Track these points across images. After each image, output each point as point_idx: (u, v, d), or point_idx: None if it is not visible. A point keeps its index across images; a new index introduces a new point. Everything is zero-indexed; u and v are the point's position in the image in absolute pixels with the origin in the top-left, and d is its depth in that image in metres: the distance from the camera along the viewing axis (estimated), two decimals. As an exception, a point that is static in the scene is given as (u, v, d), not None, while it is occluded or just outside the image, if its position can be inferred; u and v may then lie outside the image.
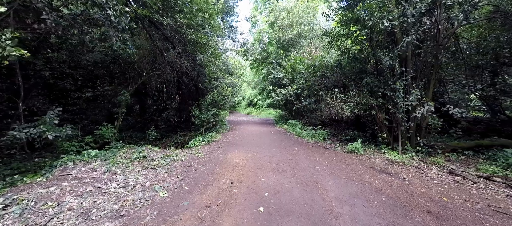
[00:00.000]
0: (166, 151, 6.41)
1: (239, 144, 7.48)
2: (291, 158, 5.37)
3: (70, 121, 9.01)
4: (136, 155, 5.08)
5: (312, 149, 6.55)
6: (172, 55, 7.93)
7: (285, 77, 13.47)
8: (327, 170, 4.40)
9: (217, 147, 7.10)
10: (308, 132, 9.34)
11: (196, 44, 7.06)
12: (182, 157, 5.62)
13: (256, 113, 25.54)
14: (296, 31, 13.97)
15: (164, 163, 4.96)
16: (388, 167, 4.66)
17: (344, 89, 10.96)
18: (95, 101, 10.21)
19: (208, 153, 6.26)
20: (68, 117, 8.87)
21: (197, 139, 8.60)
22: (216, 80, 9.93)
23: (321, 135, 8.46)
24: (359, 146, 5.98)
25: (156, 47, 7.71)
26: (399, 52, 5.50)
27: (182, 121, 12.26)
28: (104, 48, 9.28)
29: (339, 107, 14.60)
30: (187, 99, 11.64)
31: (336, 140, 8.56)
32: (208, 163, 5.11)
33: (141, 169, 4.40)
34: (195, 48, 7.40)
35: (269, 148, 6.73)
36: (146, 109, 11.88)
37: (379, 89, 6.11)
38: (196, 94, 10.85)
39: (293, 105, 12.70)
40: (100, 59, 8.90)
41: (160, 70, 8.06)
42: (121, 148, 5.90)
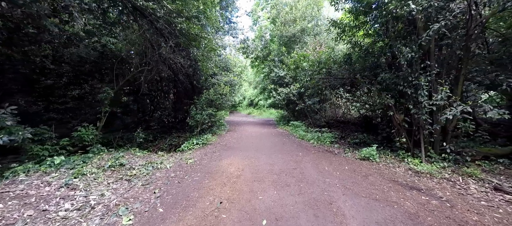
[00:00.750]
0: (152, 156, 5.63)
1: (236, 148, 6.68)
2: (295, 167, 4.55)
3: (58, 121, 8.31)
4: (111, 162, 4.29)
5: (318, 155, 5.72)
6: (164, 49, 7.15)
7: (288, 76, 12.66)
8: (340, 183, 3.58)
9: (211, 151, 6.30)
10: (313, 134, 8.50)
11: (188, 36, 6.27)
12: (168, 164, 4.82)
13: (257, 113, 24.74)
14: (299, 26, 13.15)
15: (144, 172, 4.18)
16: (414, 179, 3.82)
17: (351, 88, 10.14)
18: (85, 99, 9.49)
19: (200, 158, 5.46)
20: (55, 116, 8.17)
21: (190, 141, 7.82)
22: (213, 77, 9.13)
23: (328, 138, 7.62)
24: (374, 152, 5.15)
25: (145, 39, 6.95)
26: (423, 42, 4.66)
27: (177, 121, 11.49)
28: (92, 43, 8.57)
29: (345, 108, 13.76)
30: (183, 98, 10.87)
31: (344, 144, 7.72)
32: (197, 172, 4.31)
33: (113, 181, 3.62)
34: (188, 42, 6.61)
35: (270, 153, 5.91)
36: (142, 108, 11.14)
37: (396, 86, 5.27)
38: (193, 93, 10.08)
39: (296, 105, 11.87)
40: (86, 54, 8.15)
41: (151, 66, 7.28)
42: (98, 153, 5.12)
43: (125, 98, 11.20)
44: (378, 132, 7.48)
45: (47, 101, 8.32)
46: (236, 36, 13.91)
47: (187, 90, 10.50)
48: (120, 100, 10.75)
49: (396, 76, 5.26)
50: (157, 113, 9.48)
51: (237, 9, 13.37)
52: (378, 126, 8.05)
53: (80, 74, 8.74)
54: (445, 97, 4.41)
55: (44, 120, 7.88)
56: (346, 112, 13.85)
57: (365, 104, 10.62)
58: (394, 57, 5.93)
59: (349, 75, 7.55)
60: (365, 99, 10.16)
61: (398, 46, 5.06)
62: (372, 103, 9.16)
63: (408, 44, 5.00)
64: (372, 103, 9.07)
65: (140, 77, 7.22)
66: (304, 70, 9.12)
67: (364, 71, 6.30)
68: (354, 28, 6.36)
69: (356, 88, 9.94)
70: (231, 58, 11.10)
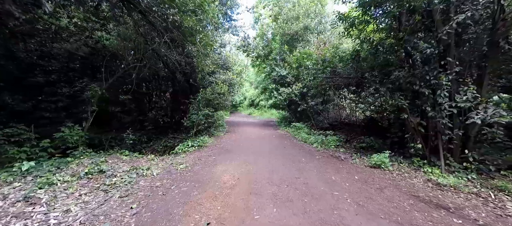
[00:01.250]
0: (140, 160, 5.12)
1: (233, 151, 6.16)
2: (298, 176, 4.02)
3: (51, 120, 7.85)
4: (89, 168, 3.79)
5: (323, 161, 5.19)
6: (158, 45, 6.66)
7: (290, 75, 12.12)
8: (351, 198, 3.05)
9: (205, 155, 5.79)
10: (316, 137, 7.96)
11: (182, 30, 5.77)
12: (155, 170, 4.32)
13: (258, 113, 24.22)
14: (302, 24, 12.62)
15: (126, 180, 3.67)
16: (437, 194, 3.28)
17: (356, 88, 9.59)
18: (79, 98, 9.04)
19: (192, 163, 4.95)
20: (48, 115, 7.71)
21: (185, 143, 7.33)
22: (211, 76, 8.63)
23: (332, 142, 7.08)
24: (386, 160, 4.60)
25: (138, 33, 6.46)
26: (444, 36, 4.12)
27: (174, 122, 11.00)
28: (84, 38, 8.11)
29: (349, 109, 13.20)
30: (180, 98, 10.38)
31: (350, 148, 7.17)
32: (186, 180, 3.79)
33: (86, 192, 3.11)
34: (183, 36, 6.11)
35: (270, 158, 5.39)
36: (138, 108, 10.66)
37: (411, 86, 4.73)
38: (190, 92, 9.59)
39: (298, 106, 11.34)
40: (76, 49, 7.68)
41: (144, 62, 6.79)
42: (79, 157, 4.63)
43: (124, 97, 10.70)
44: (387, 136, 6.93)
45: (35, 99, 7.85)
46: (236, 34, 13.41)
47: (184, 89, 10.02)
48: (118, 99, 10.28)
49: (411, 75, 4.72)
50: (151, 113, 8.98)
51: (238, 5, 12.85)
52: (387, 129, 7.50)
53: (69, 71, 8.28)
54: (471, 99, 3.86)
55: (35, 119, 7.45)
56: (350, 114, 13.30)
57: (370, 106, 10.09)
58: (408, 54, 5.38)
59: (356, 74, 7.01)
60: (371, 101, 9.62)
61: (415, 41, 4.52)
62: (380, 105, 8.63)
63: (425, 38, 4.46)
64: (380, 104, 8.55)
65: (133, 74, 6.72)
66: (307, 69, 8.59)
67: (373, 70, 5.75)
68: (363, 23, 5.82)
69: (362, 88, 9.39)
70: (231, 56, 10.59)
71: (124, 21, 6.73)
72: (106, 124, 9.75)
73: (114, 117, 10.23)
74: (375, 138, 7.56)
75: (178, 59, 7.65)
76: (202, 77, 8.39)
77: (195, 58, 6.25)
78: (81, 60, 8.37)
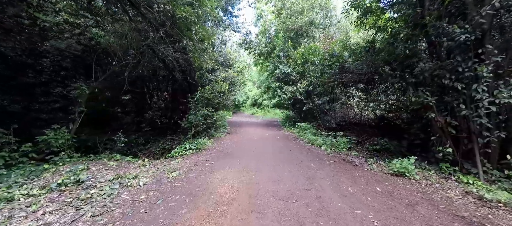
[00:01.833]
0: (129, 167, 4.58)
1: (233, 155, 5.58)
2: (309, 186, 3.41)
3: (46, 122, 7.42)
4: (64, 178, 3.26)
5: (336, 167, 4.55)
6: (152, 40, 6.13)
7: (294, 72, 11.47)
8: (378, 220, 2.42)
9: (203, 160, 5.23)
10: (324, 139, 7.32)
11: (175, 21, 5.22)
12: (144, 178, 3.76)
13: (261, 113, 23.63)
14: (307, 18, 11.95)
15: (106, 193, 3.12)
16: (486, 214, 2.62)
17: (366, 85, 8.91)
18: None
19: (187, 170, 4.38)
20: (45, 116, 7.30)
21: (182, 146, 6.80)
22: (211, 74, 8.07)
23: (343, 144, 6.43)
24: (412, 166, 3.94)
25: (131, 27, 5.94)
26: (483, 19, 3.45)
27: (173, 122, 10.49)
28: (76, 35, 7.65)
29: (357, 108, 12.49)
30: (179, 97, 9.86)
31: (363, 151, 6.52)
32: (177, 193, 3.22)
33: (53, 209, 2.57)
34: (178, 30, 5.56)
35: (274, 163, 4.79)
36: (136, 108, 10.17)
37: (439, 80, 4.06)
38: (190, 92, 9.06)
39: (303, 105, 10.70)
40: (66, 47, 7.21)
41: (136, 59, 6.27)
42: (57, 164, 4.11)
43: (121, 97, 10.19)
44: (404, 137, 6.26)
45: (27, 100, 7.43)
46: (238, 30, 12.84)
47: (183, 89, 9.49)
48: (114, 98, 9.80)
49: (439, 67, 4.04)
50: (148, 113, 8.47)
51: (239, 0, 12.28)
52: (402, 129, 6.81)
53: (62, 70, 7.83)
54: (519, 94, 3.18)
55: (31, 121, 7.03)
56: (358, 113, 12.58)
57: (380, 104, 9.39)
58: (431, 44, 4.69)
59: (368, 69, 6.33)
60: (383, 99, 8.93)
61: (444, 27, 3.85)
62: (393, 103, 7.93)
63: (457, 23, 3.78)
64: (394, 102, 7.85)
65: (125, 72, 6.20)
66: (314, 65, 7.94)
67: (391, 63, 5.06)
68: (378, 10, 5.15)
69: (373, 85, 8.71)
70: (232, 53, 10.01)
71: (120, 17, 6.22)
72: (105, 125, 9.30)
73: (111, 117, 9.78)
74: (389, 139, 6.87)
75: (175, 56, 7.12)
76: (200, 75, 7.83)
77: (191, 53, 5.66)
78: (74, 59, 7.92)
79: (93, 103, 8.93)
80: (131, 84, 9.04)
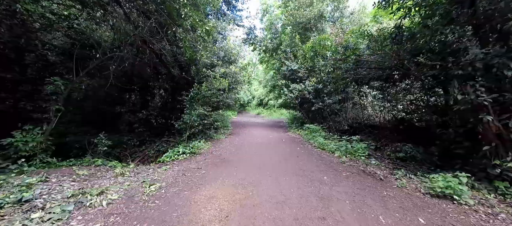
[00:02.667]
0: (102, 177, 3.83)
1: (231, 163, 4.75)
2: (324, 214, 2.52)
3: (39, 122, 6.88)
4: (4, 195, 2.52)
5: (356, 182, 3.63)
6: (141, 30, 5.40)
7: (302, 69, 10.54)
8: None
9: (194, 167, 4.43)
10: (337, 143, 6.37)
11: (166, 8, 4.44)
12: (111, 195, 2.98)
13: (267, 113, 22.79)
14: (317, 10, 10.96)
15: (53, 217, 2.36)
16: None
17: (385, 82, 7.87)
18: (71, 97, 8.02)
19: (171, 182, 3.59)
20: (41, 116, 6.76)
21: (176, 149, 6.05)
22: (209, 69, 7.27)
23: (360, 150, 5.46)
24: (463, 187, 2.95)
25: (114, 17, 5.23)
26: None
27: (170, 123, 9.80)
28: (64, 27, 7.04)
29: (371, 108, 11.40)
30: (176, 95, 9.15)
31: (383, 159, 5.55)
32: (145, 220, 2.42)
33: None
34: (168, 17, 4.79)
35: (278, 174, 3.92)
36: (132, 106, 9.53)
37: (501, 71, 3.06)
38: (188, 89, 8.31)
39: (312, 104, 9.75)
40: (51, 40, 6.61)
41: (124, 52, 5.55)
42: (9, 174, 3.40)
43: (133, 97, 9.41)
44: (436, 143, 5.22)
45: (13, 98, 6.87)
46: (241, 25, 12.02)
47: (181, 86, 8.76)
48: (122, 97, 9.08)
49: (501, 54, 3.03)
50: (141, 113, 7.77)
51: (243, -8, 11.43)
52: (433, 135, 5.77)
53: (49, 66, 7.25)
54: None
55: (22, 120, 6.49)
56: (372, 114, 11.49)
57: (397, 104, 8.34)
58: (479, 27, 3.65)
59: (393, 61, 5.33)
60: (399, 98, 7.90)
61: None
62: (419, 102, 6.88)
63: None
64: (419, 101, 6.80)
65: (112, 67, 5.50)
66: (325, 60, 6.98)
67: (422, 52, 4.05)
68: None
69: (393, 82, 7.67)
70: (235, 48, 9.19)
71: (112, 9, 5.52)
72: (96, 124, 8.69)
73: (103, 116, 9.18)
74: (414, 145, 5.84)
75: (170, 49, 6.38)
76: (196, 70, 7.04)
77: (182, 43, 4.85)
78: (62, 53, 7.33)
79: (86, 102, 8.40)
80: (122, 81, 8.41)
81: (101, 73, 7.76)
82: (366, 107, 11.23)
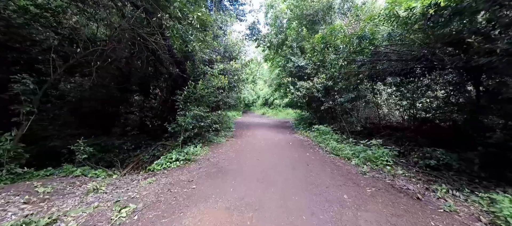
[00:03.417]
0: (73, 192, 3.15)
1: (228, 173, 4.00)
2: (353, 262, 1.72)
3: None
4: None
5: (386, 203, 2.80)
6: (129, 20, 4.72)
7: (310, 65, 9.69)
8: None
9: (184, 180, 3.70)
10: (352, 148, 5.52)
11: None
12: (69, 222, 2.28)
13: (272, 113, 21.99)
14: (326, 0, 10.08)
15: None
16: None
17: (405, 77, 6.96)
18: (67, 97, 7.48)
19: (152, 201, 2.87)
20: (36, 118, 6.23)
21: (169, 155, 5.37)
22: (207, 65, 6.55)
23: (384, 156, 4.59)
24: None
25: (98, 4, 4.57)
26: None
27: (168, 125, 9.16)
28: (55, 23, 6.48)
29: (386, 107, 10.42)
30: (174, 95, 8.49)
31: (409, 166, 4.66)
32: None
33: None
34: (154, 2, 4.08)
35: (285, 191, 3.13)
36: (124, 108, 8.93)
37: None
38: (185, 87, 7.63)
39: (321, 103, 8.90)
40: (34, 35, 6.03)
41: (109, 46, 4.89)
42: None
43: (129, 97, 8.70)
44: (479, 150, 4.30)
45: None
46: (243, 18, 11.28)
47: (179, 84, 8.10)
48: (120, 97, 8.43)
49: None
50: (134, 114, 7.14)
51: (246, -16, 10.70)
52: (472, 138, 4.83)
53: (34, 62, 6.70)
54: None
55: None
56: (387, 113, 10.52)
57: (414, 102, 7.42)
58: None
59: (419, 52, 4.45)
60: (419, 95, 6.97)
61: None
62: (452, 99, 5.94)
63: None
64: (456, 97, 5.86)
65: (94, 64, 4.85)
66: (338, 51, 6.13)
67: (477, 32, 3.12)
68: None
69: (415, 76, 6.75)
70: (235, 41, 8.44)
71: None
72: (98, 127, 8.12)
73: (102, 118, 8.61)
74: (447, 150, 4.91)
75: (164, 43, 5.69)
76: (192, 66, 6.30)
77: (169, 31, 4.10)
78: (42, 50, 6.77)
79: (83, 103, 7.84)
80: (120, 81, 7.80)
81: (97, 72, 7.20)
82: (380, 106, 10.25)
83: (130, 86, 7.60)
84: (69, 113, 7.53)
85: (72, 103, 7.53)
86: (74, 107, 7.67)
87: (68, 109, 7.38)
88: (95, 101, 7.81)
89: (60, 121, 7.06)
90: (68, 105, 7.39)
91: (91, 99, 7.72)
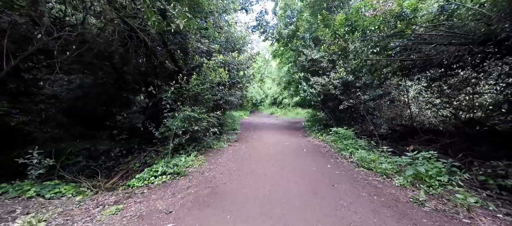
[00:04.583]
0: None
1: (224, 200, 2.86)
2: None
3: None
4: None
5: None
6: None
7: (326, 58, 8.39)
8: None
9: (162, 209, 2.62)
10: (388, 158, 4.22)
11: None
12: None
13: (281, 113, 20.73)
14: (344, -17, 8.72)
15: None
16: None
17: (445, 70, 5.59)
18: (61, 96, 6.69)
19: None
20: None
21: (154, 167, 4.34)
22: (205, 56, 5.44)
23: (442, 173, 3.27)
24: None
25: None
26: None
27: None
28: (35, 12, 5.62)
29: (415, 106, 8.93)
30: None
31: (476, 186, 3.33)
32: None
33: None
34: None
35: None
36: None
37: None
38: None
39: (339, 102, 7.58)
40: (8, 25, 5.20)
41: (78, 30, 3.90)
42: None
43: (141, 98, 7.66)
44: None
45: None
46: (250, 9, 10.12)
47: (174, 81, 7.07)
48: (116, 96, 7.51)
49: None
50: (121, 115, 6.18)
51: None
52: None
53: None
54: None
55: None
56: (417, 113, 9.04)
57: (451, 100, 6.09)
58: None
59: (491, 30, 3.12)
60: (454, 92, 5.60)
61: None
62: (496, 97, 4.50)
63: None
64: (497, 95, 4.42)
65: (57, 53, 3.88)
66: (366, 35, 4.81)
67: None
68: None
69: (464, 68, 5.35)
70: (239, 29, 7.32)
71: None
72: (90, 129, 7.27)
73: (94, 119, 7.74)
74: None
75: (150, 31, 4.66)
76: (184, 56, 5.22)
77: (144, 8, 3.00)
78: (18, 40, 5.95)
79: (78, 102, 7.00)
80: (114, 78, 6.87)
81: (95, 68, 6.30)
82: (408, 105, 8.74)
83: (122, 83, 6.66)
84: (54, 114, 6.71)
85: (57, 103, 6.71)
86: (62, 108, 6.84)
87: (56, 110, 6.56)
88: (83, 100, 6.93)
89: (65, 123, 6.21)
90: (52, 105, 6.57)
91: (78, 99, 6.85)
